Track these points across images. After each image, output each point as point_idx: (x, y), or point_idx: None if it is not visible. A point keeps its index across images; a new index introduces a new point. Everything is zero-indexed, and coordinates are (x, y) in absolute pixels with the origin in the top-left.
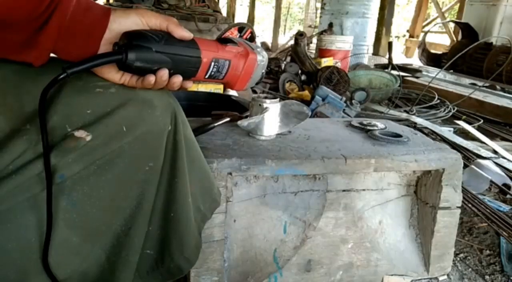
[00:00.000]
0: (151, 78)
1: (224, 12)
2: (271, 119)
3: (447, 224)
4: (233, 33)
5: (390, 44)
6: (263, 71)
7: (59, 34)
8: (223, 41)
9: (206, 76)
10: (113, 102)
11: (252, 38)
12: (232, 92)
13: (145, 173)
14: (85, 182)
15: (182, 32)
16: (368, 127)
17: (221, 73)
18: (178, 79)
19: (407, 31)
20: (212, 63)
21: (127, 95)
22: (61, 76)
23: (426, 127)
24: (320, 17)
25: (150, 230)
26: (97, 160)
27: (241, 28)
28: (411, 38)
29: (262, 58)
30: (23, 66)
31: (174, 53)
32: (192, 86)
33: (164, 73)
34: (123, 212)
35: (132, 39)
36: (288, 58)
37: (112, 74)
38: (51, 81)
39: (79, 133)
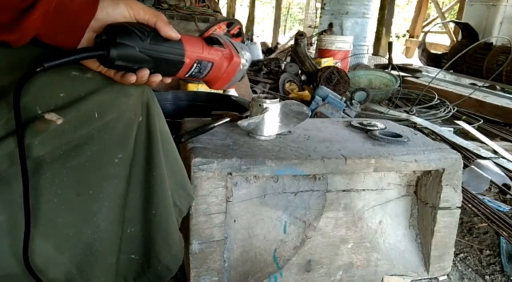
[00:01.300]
0: (132, 78)
1: (224, 12)
2: (271, 119)
3: (447, 224)
4: (221, 28)
5: (390, 44)
6: (244, 73)
7: (44, 19)
8: (210, 41)
9: (187, 76)
10: (88, 88)
11: (239, 34)
12: (232, 92)
13: (114, 166)
14: (48, 167)
15: (169, 31)
16: (368, 128)
17: (202, 73)
18: (157, 78)
19: (407, 31)
20: (195, 64)
21: (103, 81)
22: (38, 70)
23: (426, 128)
24: (320, 17)
25: (132, 232)
26: (64, 145)
27: (230, 23)
28: (411, 38)
29: (246, 62)
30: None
31: (157, 54)
32: (192, 86)
33: (145, 73)
34: (92, 216)
35: (116, 36)
36: (288, 58)
37: (91, 62)
38: (26, 73)
39: (50, 116)
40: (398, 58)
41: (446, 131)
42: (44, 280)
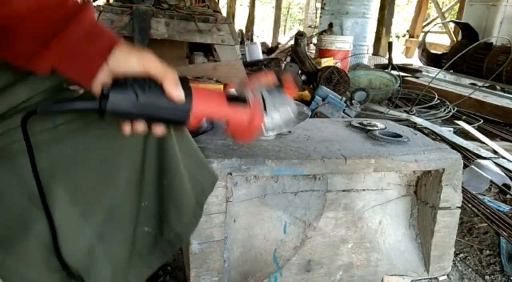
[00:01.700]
0: (126, 129)
1: (224, 12)
2: None
3: (447, 224)
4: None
5: (390, 44)
6: (274, 132)
7: (59, 60)
8: (234, 98)
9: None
10: None
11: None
12: (232, 91)
13: (130, 136)
14: (74, 132)
15: (173, 92)
16: (368, 128)
17: (212, 126)
18: (159, 128)
19: (407, 31)
20: (204, 121)
21: None
22: (32, 113)
23: (426, 128)
24: (320, 17)
25: (146, 205)
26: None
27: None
28: (411, 38)
29: (272, 119)
30: None
31: (153, 112)
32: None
33: (139, 126)
34: (113, 184)
35: (112, 92)
36: (288, 58)
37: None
38: (26, 115)
39: (74, 87)
40: (398, 58)
41: (446, 131)
42: (65, 257)
